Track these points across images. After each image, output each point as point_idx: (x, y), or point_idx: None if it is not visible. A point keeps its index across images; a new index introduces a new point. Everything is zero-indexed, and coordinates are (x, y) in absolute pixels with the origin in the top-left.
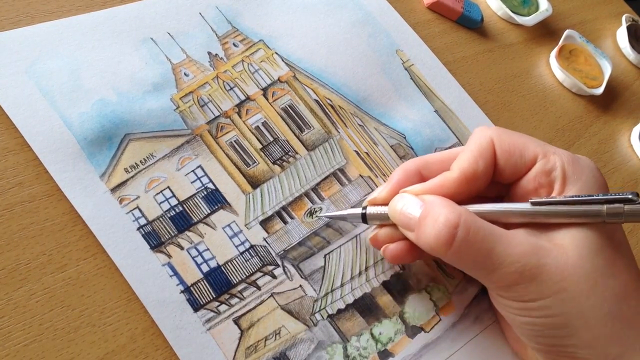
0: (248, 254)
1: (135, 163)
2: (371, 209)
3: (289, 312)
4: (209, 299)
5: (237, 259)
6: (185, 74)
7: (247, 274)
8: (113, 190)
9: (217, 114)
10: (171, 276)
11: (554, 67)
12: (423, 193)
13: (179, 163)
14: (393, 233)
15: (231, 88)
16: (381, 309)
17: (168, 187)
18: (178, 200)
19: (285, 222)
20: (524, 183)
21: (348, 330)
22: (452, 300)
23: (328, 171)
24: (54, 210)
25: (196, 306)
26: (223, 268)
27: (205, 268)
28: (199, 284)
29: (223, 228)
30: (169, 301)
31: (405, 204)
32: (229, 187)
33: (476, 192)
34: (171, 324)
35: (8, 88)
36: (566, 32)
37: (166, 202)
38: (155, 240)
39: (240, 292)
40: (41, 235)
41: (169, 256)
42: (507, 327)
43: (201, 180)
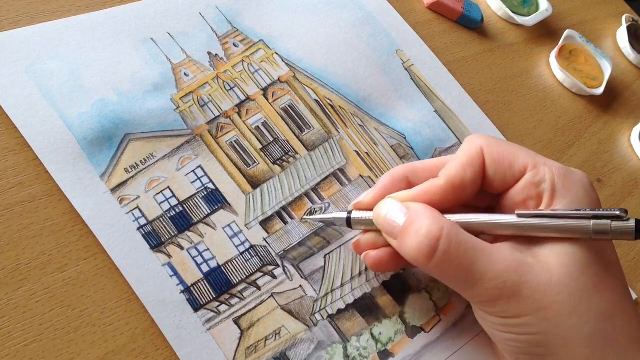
0: (248, 254)
1: (135, 163)
2: (356, 214)
3: (289, 312)
4: (209, 299)
5: (237, 259)
6: (185, 74)
7: (247, 274)
8: (113, 190)
9: (217, 114)
10: (171, 276)
11: (554, 67)
12: (409, 200)
13: (179, 163)
14: (376, 239)
15: (231, 88)
16: (381, 309)
17: (168, 187)
18: (178, 200)
19: (285, 222)
20: (513, 194)
21: (348, 330)
22: (452, 300)
23: (328, 171)
24: (54, 210)
25: (196, 306)
26: (223, 268)
27: (205, 268)
28: (199, 284)
29: (223, 228)
30: (169, 301)
31: (389, 211)
32: (229, 187)
33: (464, 202)
34: (171, 324)
35: (8, 88)
36: (566, 32)
37: (166, 202)
38: (155, 240)
39: (240, 292)
40: (41, 235)
41: (169, 256)
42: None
43: (201, 180)
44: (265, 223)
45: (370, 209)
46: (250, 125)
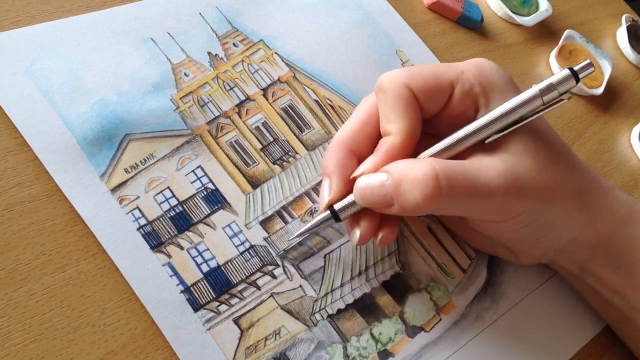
0: (248, 254)
1: (135, 163)
2: (337, 205)
3: (289, 312)
4: (209, 299)
5: (237, 259)
6: (185, 74)
7: (247, 274)
8: (113, 190)
9: (217, 114)
10: (171, 276)
11: (554, 67)
12: (377, 170)
13: (179, 163)
14: (369, 221)
15: (231, 88)
16: (381, 309)
17: (168, 187)
18: (178, 200)
19: (285, 222)
20: (449, 110)
21: (348, 330)
22: (452, 299)
23: None
24: (54, 210)
25: (196, 306)
26: (223, 268)
27: (205, 268)
28: (199, 284)
29: (223, 228)
30: (169, 301)
31: (370, 184)
32: (229, 187)
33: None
34: (171, 324)
35: (8, 88)
36: (566, 32)
37: (166, 202)
38: (155, 240)
39: (240, 292)
40: (41, 235)
41: (169, 256)
42: (463, 228)
43: (201, 180)
44: (265, 223)
45: (343, 198)
46: (250, 125)
